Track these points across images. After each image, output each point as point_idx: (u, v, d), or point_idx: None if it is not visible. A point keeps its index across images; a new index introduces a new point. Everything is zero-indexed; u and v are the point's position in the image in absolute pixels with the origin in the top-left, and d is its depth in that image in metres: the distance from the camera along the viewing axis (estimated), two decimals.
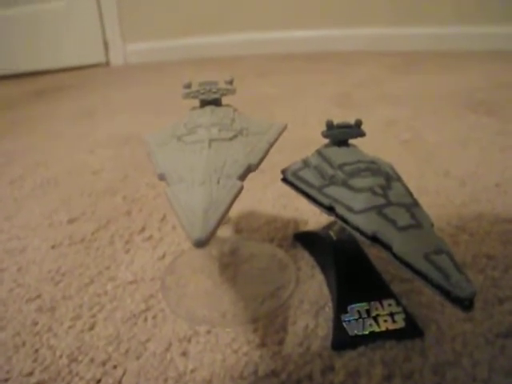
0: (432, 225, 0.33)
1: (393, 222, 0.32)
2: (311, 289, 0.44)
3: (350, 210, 0.34)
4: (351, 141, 0.43)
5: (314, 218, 0.56)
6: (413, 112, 0.99)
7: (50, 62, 2.01)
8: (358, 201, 0.35)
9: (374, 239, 0.32)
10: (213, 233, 0.24)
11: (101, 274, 0.50)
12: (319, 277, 0.46)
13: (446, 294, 0.27)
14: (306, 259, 0.49)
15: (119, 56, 2.05)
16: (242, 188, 0.29)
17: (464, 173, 0.67)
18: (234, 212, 0.59)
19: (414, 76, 1.33)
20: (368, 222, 0.33)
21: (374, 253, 0.46)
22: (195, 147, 0.34)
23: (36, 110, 1.32)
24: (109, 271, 0.50)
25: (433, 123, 0.91)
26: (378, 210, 0.33)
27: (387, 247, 0.31)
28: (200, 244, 0.23)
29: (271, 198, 0.63)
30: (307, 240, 0.50)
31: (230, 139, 0.35)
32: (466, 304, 0.26)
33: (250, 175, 0.69)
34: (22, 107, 1.37)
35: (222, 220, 0.25)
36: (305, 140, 0.76)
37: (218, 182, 0.28)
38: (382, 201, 0.34)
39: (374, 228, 0.32)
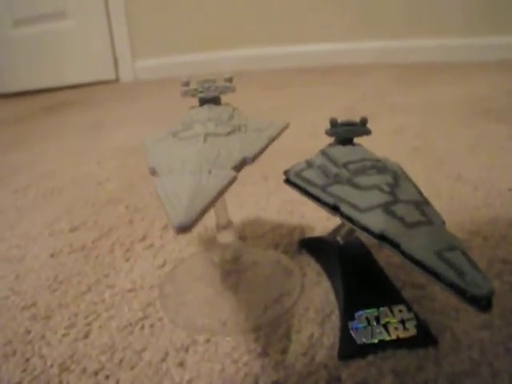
0: (443, 223, 0.31)
1: (401, 220, 0.30)
2: (317, 296, 0.42)
3: (355, 208, 0.32)
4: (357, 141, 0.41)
5: (321, 224, 0.54)
6: (421, 120, 0.97)
7: (60, 79, 2.04)
8: (364, 199, 0.33)
9: (382, 238, 0.30)
10: (197, 218, 0.22)
11: (99, 281, 0.48)
12: (326, 284, 0.43)
13: (462, 293, 0.24)
14: (312, 266, 0.46)
15: (129, 72, 2.07)
16: (234, 178, 0.27)
17: (476, 177, 0.65)
18: (236, 219, 0.57)
19: (420, 87, 1.31)
20: (375, 220, 0.30)
21: (383, 258, 0.44)
22: (190, 141, 0.32)
23: (45, 124, 1.32)
24: (107, 279, 0.48)
25: (442, 131, 0.89)
26: (385, 207, 0.31)
27: (396, 245, 0.28)
28: (182, 229, 0.21)
29: (276, 205, 0.61)
30: (313, 246, 0.48)
31: (227, 134, 0.33)
32: (483, 304, 0.24)
33: (255, 182, 0.67)
34: (31, 122, 1.38)
35: (210, 207, 0.23)
36: (311, 150, 0.74)
37: (210, 172, 0.26)
38: (389, 198, 0.32)
39: (382, 226, 0.30)
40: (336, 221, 0.51)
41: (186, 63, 1.99)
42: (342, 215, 0.33)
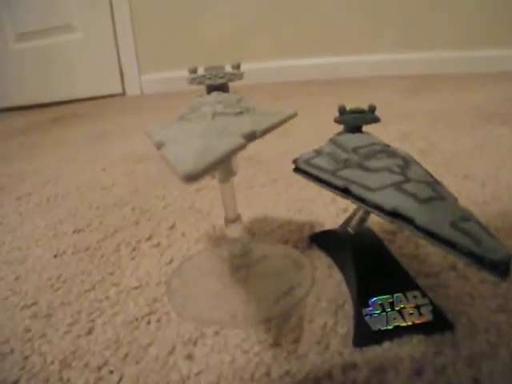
0: (456, 199, 0.30)
1: (413, 196, 0.29)
2: (329, 287, 0.40)
3: (366, 188, 0.31)
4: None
5: (330, 220, 0.53)
6: (427, 126, 0.96)
7: (66, 92, 2.05)
8: (375, 179, 0.32)
9: (395, 215, 0.29)
10: (204, 170, 0.21)
11: (103, 280, 0.47)
12: (337, 276, 0.42)
13: (479, 260, 0.23)
14: (322, 259, 0.45)
15: (135, 86, 2.08)
16: (243, 145, 0.26)
17: (484, 175, 0.63)
18: (245, 217, 0.55)
19: (423, 96, 1.31)
20: (387, 198, 0.30)
21: (395, 250, 0.43)
22: (198, 120, 0.31)
23: (51, 135, 1.33)
24: (112, 277, 0.47)
25: (448, 134, 0.88)
26: (397, 186, 0.30)
27: (409, 220, 0.27)
28: (188, 177, 0.20)
29: (285, 204, 0.60)
30: (323, 240, 0.47)
31: (236, 114, 0.32)
32: (502, 269, 0.23)
33: (264, 185, 0.67)
34: (37, 133, 1.39)
35: (217, 164, 0.22)
36: None
37: (219, 138, 0.25)
38: (400, 178, 0.31)
39: (394, 203, 0.29)
40: (346, 215, 0.50)
41: None
42: (353, 196, 0.32)
